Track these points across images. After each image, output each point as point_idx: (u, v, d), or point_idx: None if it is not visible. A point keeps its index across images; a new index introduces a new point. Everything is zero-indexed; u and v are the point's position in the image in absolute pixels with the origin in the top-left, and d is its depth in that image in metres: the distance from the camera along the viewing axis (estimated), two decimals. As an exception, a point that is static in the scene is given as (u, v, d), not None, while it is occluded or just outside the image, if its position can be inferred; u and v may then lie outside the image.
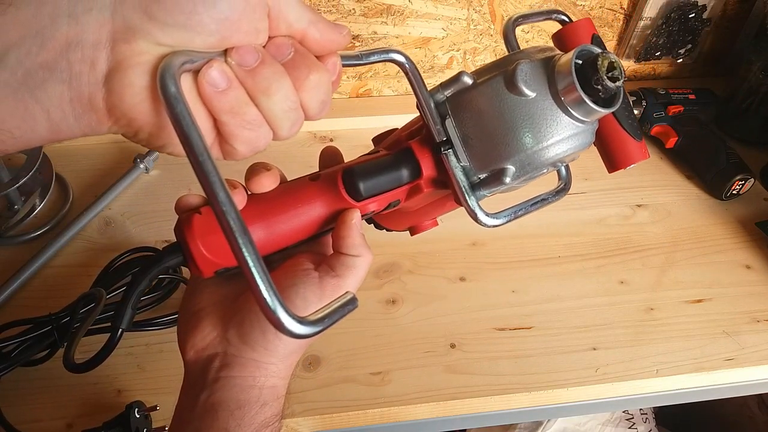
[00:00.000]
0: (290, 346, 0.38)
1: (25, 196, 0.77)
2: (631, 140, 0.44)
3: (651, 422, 1.05)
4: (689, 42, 1.01)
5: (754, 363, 0.68)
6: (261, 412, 0.37)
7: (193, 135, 0.28)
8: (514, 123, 0.35)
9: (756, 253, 0.79)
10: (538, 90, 0.35)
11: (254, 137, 0.32)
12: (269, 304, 0.29)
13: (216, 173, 0.28)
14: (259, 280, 0.28)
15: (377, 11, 0.89)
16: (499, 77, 0.36)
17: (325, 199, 0.39)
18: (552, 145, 0.36)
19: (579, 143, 0.37)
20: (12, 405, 0.60)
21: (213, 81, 0.29)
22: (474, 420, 0.67)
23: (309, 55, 0.33)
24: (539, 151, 0.36)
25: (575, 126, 0.36)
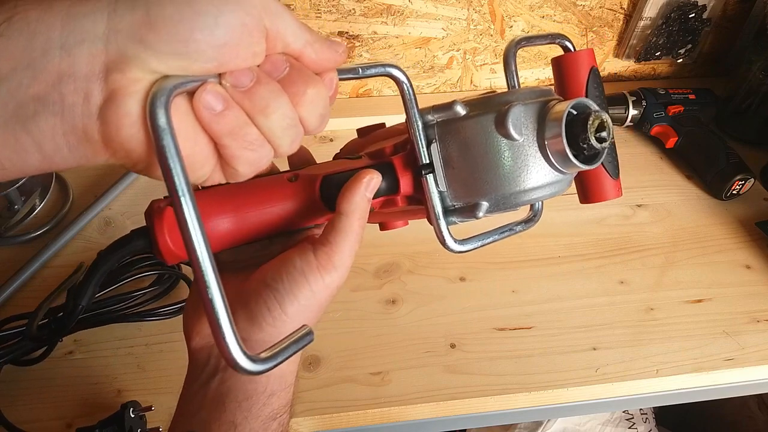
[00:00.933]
0: (296, 319, 0.37)
1: (25, 196, 0.77)
2: (608, 178, 0.44)
3: (651, 422, 1.05)
4: (689, 42, 1.01)
5: (754, 363, 0.68)
6: (268, 403, 0.37)
7: (176, 168, 0.28)
8: (497, 163, 0.36)
9: (756, 253, 0.79)
10: (526, 135, 0.36)
11: (256, 157, 0.31)
12: (226, 341, 0.29)
13: (196, 216, 0.28)
14: (221, 316, 0.29)
15: (377, 11, 0.89)
16: (491, 115, 0.36)
17: (299, 202, 0.39)
18: (529, 190, 0.37)
19: (555, 190, 0.39)
20: (12, 405, 0.60)
21: (208, 104, 0.29)
22: (474, 420, 0.67)
23: (305, 70, 0.32)
24: (516, 193, 0.37)
25: (554, 175, 0.37)
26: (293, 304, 0.36)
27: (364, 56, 0.93)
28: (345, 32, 0.91)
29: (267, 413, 0.37)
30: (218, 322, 0.29)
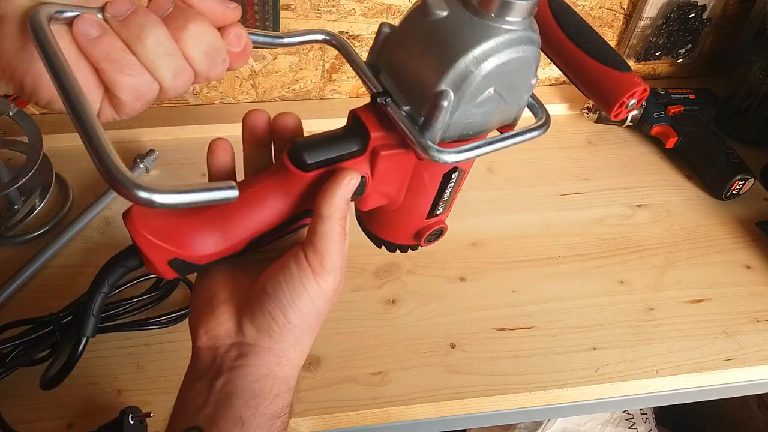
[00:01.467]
0: (300, 327, 0.38)
1: (25, 196, 0.77)
2: (616, 72, 0.40)
3: (651, 422, 1.05)
4: (689, 42, 1.01)
5: (754, 363, 0.68)
6: (274, 402, 0.38)
7: (62, 65, 0.30)
8: (435, 42, 0.35)
9: (756, 253, 0.79)
10: (450, 6, 0.35)
11: (136, 84, 0.33)
12: (109, 165, 0.29)
13: (83, 100, 0.29)
14: (96, 143, 0.29)
15: (377, 11, 0.89)
16: (412, 11, 0.37)
17: (274, 180, 0.39)
18: (479, 56, 0.34)
19: (513, 52, 0.35)
20: (12, 405, 0.60)
21: (85, 29, 0.32)
22: (474, 420, 0.67)
23: (189, 10, 0.34)
24: (468, 64, 0.34)
25: (499, 30, 0.34)
26: (296, 313, 0.38)
27: (363, 56, 0.93)
28: (345, 32, 0.91)
29: (272, 411, 0.38)
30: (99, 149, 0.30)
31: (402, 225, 0.47)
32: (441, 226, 0.47)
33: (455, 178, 0.43)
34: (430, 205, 0.45)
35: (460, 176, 0.43)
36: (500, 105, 0.38)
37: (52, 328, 0.61)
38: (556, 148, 0.92)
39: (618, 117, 0.41)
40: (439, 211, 0.46)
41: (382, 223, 0.47)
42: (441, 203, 0.45)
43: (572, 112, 0.99)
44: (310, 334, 0.40)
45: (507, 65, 0.35)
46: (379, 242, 0.48)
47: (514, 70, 0.36)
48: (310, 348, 0.41)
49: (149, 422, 0.59)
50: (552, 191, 0.85)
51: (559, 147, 0.93)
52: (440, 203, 0.45)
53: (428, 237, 0.47)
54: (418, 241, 0.47)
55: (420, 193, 0.43)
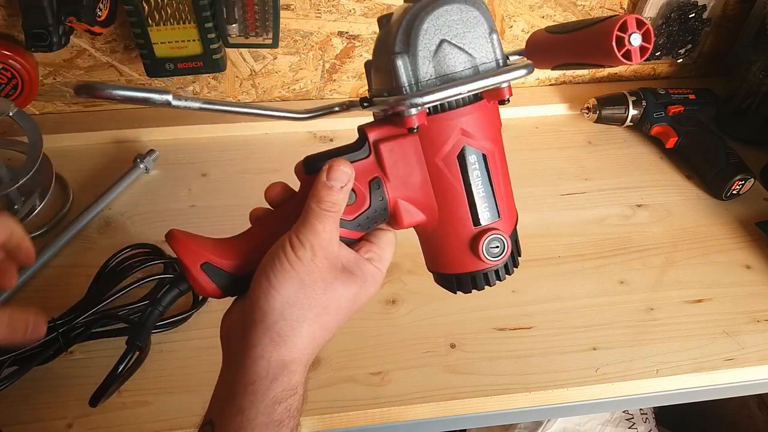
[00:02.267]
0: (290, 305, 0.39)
1: (25, 196, 0.77)
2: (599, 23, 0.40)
3: (651, 422, 1.05)
4: (689, 42, 1.01)
5: (754, 363, 0.68)
6: (272, 387, 0.39)
7: None
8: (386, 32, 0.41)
9: (756, 253, 0.79)
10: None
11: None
12: None
13: None
14: None
15: (377, 11, 0.89)
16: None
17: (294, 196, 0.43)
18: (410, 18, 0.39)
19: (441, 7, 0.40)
20: (12, 405, 0.60)
21: None
22: (474, 420, 0.67)
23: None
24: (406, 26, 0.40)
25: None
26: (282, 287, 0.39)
27: (364, 56, 0.93)
28: (345, 32, 0.91)
29: (271, 396, 0.39)
30: None
31: (452, 242, 0.43)
32: (498, 234, 0.43)
33: (475, 163, 0.41)
34: (468, 205, 0.42)
35: (482, 161, 0.42)
36: (458, 53, 0.40)
37: (56, 334, 0.61)
38: (556, 148, 0.92)
39: (630, 59, 0.39)
40: (486, 215, 0.42)
41: (437, 253, 0.45)
42: (480, 201, 0.42)
43: (572, 112, 0.99)
44: (311, 322, 0.40)
45: (440, 18, 0.40)
46: (450, 282, 0.45)
47: (453, 21, 0.40)
48: (316, 340, 0.41)
49: (150, 417, 0.58)
50: (552, 191, 0.85)
51: (559, 147, 0.93)
52: (479, 201, 0.42)
53: (487, 248, 0.42)
54: (478, 255, 0.42)
55: (447, 191, 0.42)
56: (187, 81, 0.92)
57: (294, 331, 0.40)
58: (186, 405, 0.61)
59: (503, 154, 0.44)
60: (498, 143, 0.43)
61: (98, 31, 0.78)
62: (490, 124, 0.42)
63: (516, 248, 0.45)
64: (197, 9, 0.78)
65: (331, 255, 0.41)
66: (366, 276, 0.43)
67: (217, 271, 0.42)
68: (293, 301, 0.39)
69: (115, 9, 0.80)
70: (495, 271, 0.44)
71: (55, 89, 0.90)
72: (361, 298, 0.43)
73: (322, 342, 0.42)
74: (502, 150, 0.44)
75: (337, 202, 0.40)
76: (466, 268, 0.44)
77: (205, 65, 0.84)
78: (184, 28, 0.80)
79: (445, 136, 0.41)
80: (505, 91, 0.41)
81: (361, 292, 0.42)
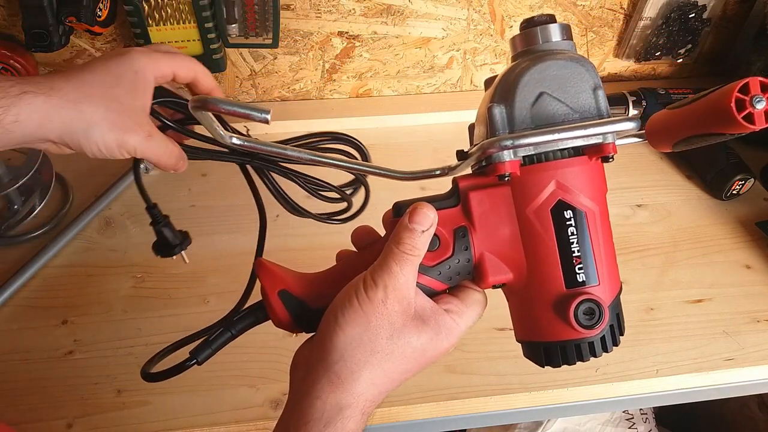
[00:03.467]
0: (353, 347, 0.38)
1: (25, 196, 0.77)
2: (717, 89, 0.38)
3: (651, 422, 1.05)
4: (689, 42, 1.01)
5: (754, 363, 0.68)
6: (324, 431, 0.38)
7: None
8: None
9: (756, 253, 0.79)
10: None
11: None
12: None
13: None
14: None
15: (377, 11, 0.89)
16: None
17: (383, 238, 0.43)
18: (518, 72, 0.40)
19: (543, 63, 0.40)
20: (12, 405, 0.60)
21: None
22: (474, 420, 0.67)
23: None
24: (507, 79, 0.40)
25: (527, 53, 0.42)
26: (347, 327, 0.38)
27: (364, 56, 0.93)
28: (345, 32, 0.91)
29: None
30: None
31: (540, 305, 0.40)
32: (593, 298, 0.38)
33: (571, 220, 0.39)
34: (560, 264, 0.39)
35: (581, 219, 0.39)
36: (557, 105, 0.39)
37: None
38: (556, 148, 0.92)
39: (753, 123, 0.34)
40: (580, 277, 0.39)
41: (524, 317, 0.42)
42: (576, 262, 0.39)
43: (572, 112, 0.99)
44: (373, 367, 0.38)
45: (542, 72, 0.39)
46: (537, 353, 0.41)
47: (556, 76, 0.39)
48: (376, 386, 0.39)
49: (149, 417, 0.58)
50: (552, 191, 0.85)
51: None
52: (575, 262, 0.39)
53: (578, 313, 0.38)
54: (568, 321, 0.38)
55: (538, 247, 0.39)
56: (187, 81, 0.92)
57: (353, 374, 0.38)
58: (186, 405, 0.61)
59: (606, 217, 0.41)
60: (601, 204, 0.40)
61: (98, 31, 0.78)
62: (591, 182, 0.39)
63: (618, 322, 0.40)
64: (197, 9, 0.78)
65: (405, 300, 0.39)
66: (440, 327, 0.40)
67: (293, 300, 0.41)
68: (357, 342, 0.38)
69: (115, 9, 0.80)
70: (590, 344, 0.39)
71: (55, 89, 0.90)
72: (431, 350, 0.40)
73: (384, 390, 0.40)
74: (606, 213, 0.40)
75: (417, 246, 0.39)
76: (554, 337, 0.40)
77: (205, 65, 0.84)
78: (184, 28, 0.80)
79: (539, 188, 0.39)
80: (609, 147, 0.38)
81: (432, 344, 0.40)
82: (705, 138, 0.38)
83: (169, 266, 0.72)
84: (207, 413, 0.60)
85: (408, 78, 0.98)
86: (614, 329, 0.40)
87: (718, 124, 0.36)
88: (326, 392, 0.38)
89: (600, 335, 0.39)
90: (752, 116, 0.35)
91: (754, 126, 0.35)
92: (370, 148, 0.59)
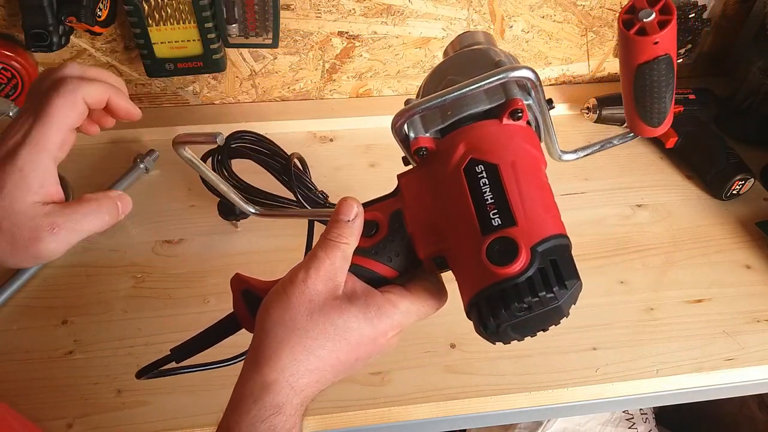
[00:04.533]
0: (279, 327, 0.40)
1: (25, 196, 0.77)
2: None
3: (651, 422, 1.05)
4: (689, 42, 1.01)
5: (754, 363, 0.68)
6: (254, 407, 0.39)
7: None
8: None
9: (756, 253, 0.79)
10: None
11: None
12: None
13: None
14: None
15: (377, 11, 0.89)
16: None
17: None
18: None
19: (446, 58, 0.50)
20: (12, 405, 0.60)
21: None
22: (474, 420, 0.67)
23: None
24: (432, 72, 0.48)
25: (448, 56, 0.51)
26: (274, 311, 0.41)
27: (364, 56, 0.93)
28: (345, 32, 0.90)
29: (252, 415, 0.39)
30: None
31: (465, 258, 0.39)
32: (504, 236, 0.37)
33: (483, 173, 0.39)
34: (475, 215, 0.39)
35: (493, 171, 0.39)
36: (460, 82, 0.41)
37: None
38: (556, 148, 0.92)
39: (648, 34, 0.40)
40: (496, 222, 0.38)
41: (460, 281, 0.41)
42: (490, 209, 0.38)
43: (572, 112, 0.99)
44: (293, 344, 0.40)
45: (449, 62, 0.47)
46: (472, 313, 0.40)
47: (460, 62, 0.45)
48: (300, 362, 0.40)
49: (149, 417, 0.58)
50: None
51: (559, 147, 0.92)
52: (489, 209, 0.38)
53: (491, 251, 0.37)
54: (484, 263, 0.37)
55: (457, 205, 0.40)
56: (187, 81, 0.92)
57: (275, 351, 0.40)
58: (186, 405, 0.61)
59: (534, 169, 0.41)
60: (521, 156, 0.40)
61: (98, 31, 0.78)
62: (503, 139, 0.41)
63: (557, 270, 0.36)
64: (197, 9, 0.78)
65: (330, 282, 0.41)
66: (369, 306, 0.41)
67: (254, 299, 0.43)
68: (279, 321, 0.40)
69: (115, 9, 0.80)
70: (514, 285, 0.36)
71: (55, 89, 0.90)
72: (360, 330, 0.41)
73: (313, 368, 0.40)
74: (532, 165, 0.41)
75: (343, 234, 0.41)
76: (479, 285, 0.38)
77: (205, 65, 0.84)
78: (184, 28, 0.80)
79: (451, 153, 0.41)
80: (513, 102, 0.40)
81: (360, 323, 0.41)
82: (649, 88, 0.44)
83: (169, 266, 0.72)
84: (207, 413, 0.60)
85: (408, 78, 0.98)
86: (548, 275, 0.36)
87: (629, 55, 0.41)
88: (252, 371, 0.40)
89: (524, 276, 0.36)
90: (645, 29, 0.39)
91: (649, 36, 0.39)
92: (370, 148, 0.60)
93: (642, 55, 0.42)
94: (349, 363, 0.42)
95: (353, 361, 0.42)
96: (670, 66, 0.43)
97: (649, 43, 0.40)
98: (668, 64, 0.43)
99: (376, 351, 0.43)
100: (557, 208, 0.40)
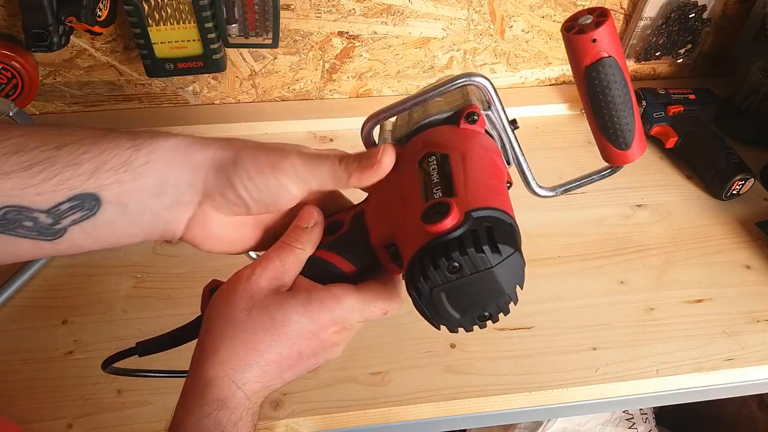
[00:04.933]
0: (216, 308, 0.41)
1: (25, 196, 0.77)
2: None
3: (651, 422, 1.05)
4: (689, 42, 1.01)
5: (754, 363, 0.68)
6: (198, 403, 0.39)
7: None
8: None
9: (756, 253, 0.79)
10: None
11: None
12: None
13: None
14: None
15: (377, 11, 0.89)
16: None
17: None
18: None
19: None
20: (13, 405, 0.60)
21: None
22: (474, 420, 0.67)
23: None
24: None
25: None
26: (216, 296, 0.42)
27: (364, 56, 0.93)
28: (345, 32, 0.91)
29: (197, 411, 0.39)
30: None
31: (409, 229, 0.39)
32: (440, 201, 0.37)
33: (434, 161, 0.40)
34: (421, 192, 0.39)
35: (442, 158, 0.40)
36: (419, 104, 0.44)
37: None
38: (556, 148, 0.92)
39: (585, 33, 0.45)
40: (437, 195, 0.39)
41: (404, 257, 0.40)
42: (434, 186, 0.39)
43: (572, 112, 0.99)
44: (232, 338, 0.39)
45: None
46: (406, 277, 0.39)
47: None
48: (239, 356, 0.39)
49: (149, 417, 0.58)
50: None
51: (559, 147, 0.92)
52: (433, 186, 0.39)
53: (426, 214, 0.37)
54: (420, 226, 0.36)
55: (408, 191, 0.41)
56: (187, 81, 0.92)
57: (215, 346, 0.40)
58: (186, 405, 0.61)
59: (483, 161, 0.41)
60: (471, 150, 0.41)
61: (98, 31, 0.78)
62: (458, 137, 0.43)
63: (490, 235, 0.36)
64: (197, 9, 0.78)
65: (275, 281, 0.41)
66: (311, 300, 0.40)
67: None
68: (220, 316, 0.40)
69: (115, 9, 0.80)
70: (444, 242, 0.36)
71: (55, 89, 0.90)
72: (300, 324, 0.40)
73: (253, 363, 0.40)
74: (482, 157, 0.41)
75: (299, 240, 0.42)
76: (414, 247, 0.37)
77: (205, 65, 0.84)
78: (184, 28, 0.80)
79: (410, 153, 0.43)
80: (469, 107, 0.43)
81: (300, 317, 0.40)
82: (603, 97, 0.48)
83: (169, 266, 0.73)
84: (207, 413, 0.60)
85: (408, 78, 0.98)
86: (479, 236, 0.36)
87: (575, 61, 0.45)
88: (195, 368, 0.40)
89: (454, 234, 0.36)
90: (582, 29, 0.43)
91: (586, 34, 0.44)
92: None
93: (585, 57, 0.45)
94: (293, 359, 0.41)
95: (297, 357, 0.41)
96: (617, 70, 0.44)
97: (588, 41, 0.43)
98: (613, 66, 0.44)
99: (320, 347, 0.42)
100: (508, 199, 0.41)
